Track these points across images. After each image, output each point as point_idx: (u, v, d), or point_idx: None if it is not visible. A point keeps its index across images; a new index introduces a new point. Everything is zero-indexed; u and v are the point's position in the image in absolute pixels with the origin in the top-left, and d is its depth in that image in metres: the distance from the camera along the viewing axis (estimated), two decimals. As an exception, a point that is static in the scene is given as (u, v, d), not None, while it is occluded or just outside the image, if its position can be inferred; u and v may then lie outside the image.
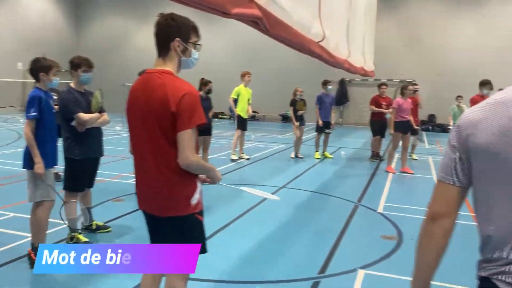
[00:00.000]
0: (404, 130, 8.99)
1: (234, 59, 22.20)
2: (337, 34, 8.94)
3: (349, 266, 4.06)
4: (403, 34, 21.07)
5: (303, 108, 10.27)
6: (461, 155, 1.40)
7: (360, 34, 13.17)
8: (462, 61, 19.79)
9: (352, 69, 12.03)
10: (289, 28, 5.58)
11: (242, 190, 3.10)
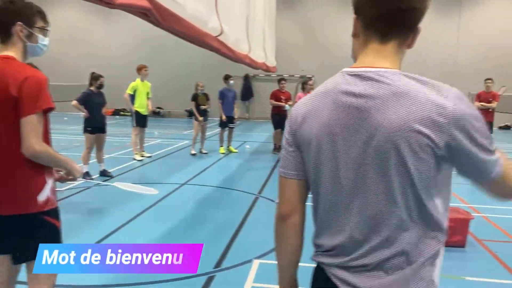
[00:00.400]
0: None
1: (135, 54, 21.30)
2: (237, 29, 9.03)
3: (245, 257, 4.12)
4: (303, 31, 22.00)
5: (205, 102, 10.20)
6: (294, 148, 1.36)
7: (260, 30, 13.47)
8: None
9: (254, 64, 12.26)
10: (184, 21, 5.46)
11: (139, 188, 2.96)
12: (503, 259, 4.29)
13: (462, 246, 4.61)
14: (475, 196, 7.12)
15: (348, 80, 1.28)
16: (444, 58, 21.00)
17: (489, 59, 20.51)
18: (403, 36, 1.29)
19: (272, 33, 17.40)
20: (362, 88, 1.23)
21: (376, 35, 1.27)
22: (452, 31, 20.92)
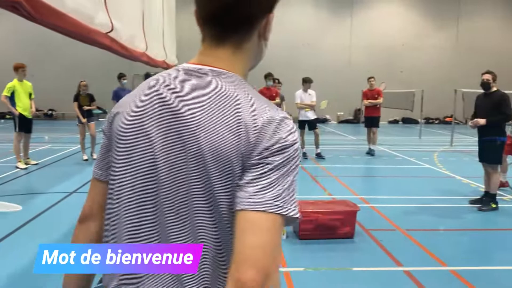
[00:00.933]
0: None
1: (22, 54, 19.33)
2: (131, 26, 8.60)
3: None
4: (205, 29, 21.85)
5: (88, 103, 9.65)
6: (108, 142, 1.17)
7: (159, 27, 13.04)
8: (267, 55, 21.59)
9: (152, 62, 11.83)
10: (64, 16, 5.00)
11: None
12: (387, 247, 4.59)
13: (351, 237, 4.86)
14: (364, 187, 7.63)
15: (176, 75, 1.11)
16: (338, 58, 22.33)
17: (379, 59, 22.27)
18: (244, 32, 1.11)
19: (172, 30, 16.97)
20: (182, 85, 1.08)
21: (211, 31, 1.14)
22: (345, 32, 22.31)
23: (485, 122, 5.92)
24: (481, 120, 5.97)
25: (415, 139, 15.12)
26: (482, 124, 5.96)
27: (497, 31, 22.44)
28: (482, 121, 5.95)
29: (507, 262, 4.29)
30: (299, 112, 10.53)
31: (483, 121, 5.95)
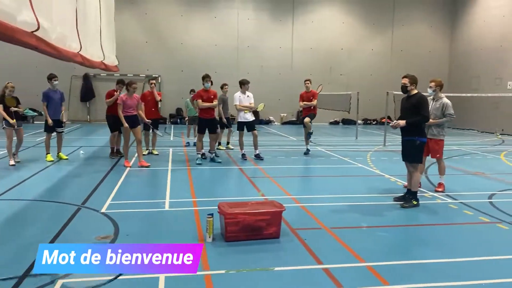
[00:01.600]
0: (132, 125, 9.18)
1: None
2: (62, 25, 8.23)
3: (49, 278, 3.68)
4: (146, 30, 21.37)
5: (14, 105, 9.13)
6: None
7: (95, 27, 12.56)
8: (201, 57, 21.48)
9: (88, 63, 11.38)
10: (-20, 14, 4.71)
11: None
12: (311, 246, 4.69)
13: (277, 237, 4.91)
14: (298, 187, 7.77)
15: None
16: (281, 61, 22.64)
17: (319, 62, 22.84)
18: None
19: (111, 30, 16.44)
20: None
21: None
22: (287, 36, 22.67)
23: (404, 123, 6.23)
24: (401, 121, 6.28)
25: (352, 140, 15.64)
26: (402, 125, 6.26)
27: (427, 37, 23.78)
28: (402, 123, 6.26)
29: (423, 257, 4.51)
30: (238, 113, 10.56)
31: (402, 122, 6.26)
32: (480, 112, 21.16)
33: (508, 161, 11.06)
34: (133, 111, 9.23)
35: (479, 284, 3.82)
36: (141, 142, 9.49)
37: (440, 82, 7.24)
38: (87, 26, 10.87)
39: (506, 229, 5.43)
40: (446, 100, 7.20)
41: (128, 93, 9.17)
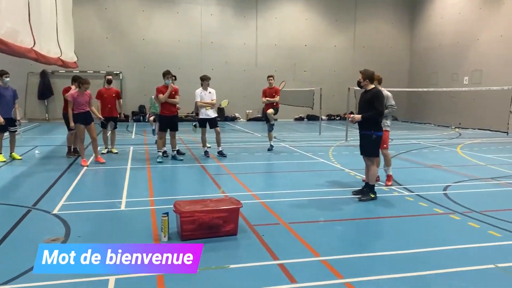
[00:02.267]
0: (85, 122, 9.00)
1: None
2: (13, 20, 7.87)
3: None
4: (106, 25, 20.80)
5: None
6: None
7: (51, 22, 12.09)
8: (163, 53, 21.11)
9: (44, 59, 10.94)
10: None
11: None
12: (268, 242, 4.66)
13: (235, 234, 4.86)
14: (259, 184, 7.73)
15: None
16: (245, 57, 22.59)
17: (284, 58, 22.92)
18: None
19: (69, 26, 15.89)
20: None
21: None
22: (251, 32, 22.62)
23: (360, 118, 6.31)
24: (357, 116, 6.36)
25: (316, 135, 15.79)
26: (358, 119, 6.34)
27: (388, 34, 24.31)
28: (358, 117, 6.34)
29: (378, 249, 4.57)
30: (200, 110, 10.42)
31: (358, 117, 6.34)
32: (438, 107, 21.86)
33: (464, 154, 11.45)
34: (85, 108, 9.00)
35: (432, 274, 3.90)
36: (96, 139, 9.28)
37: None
38: (42, 21, 10.43)
39: (458, 219, 5.59)
40: (386, 92, 7.25)
41: (79, 90, 8.90)
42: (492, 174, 8.61)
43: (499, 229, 5.15)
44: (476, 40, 20.09)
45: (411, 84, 23.91)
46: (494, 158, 10.63)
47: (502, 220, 5.50)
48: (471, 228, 5.24)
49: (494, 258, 4.28)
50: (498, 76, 18.37)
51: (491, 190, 7.29)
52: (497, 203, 6.43)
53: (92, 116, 9.23)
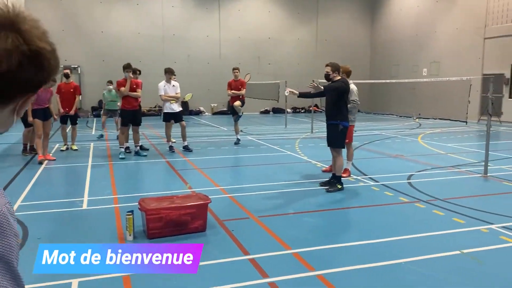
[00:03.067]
0: (43, 118, 8.77)
1: None
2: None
3: None
4: (62, 17, 19.94)
5: None
6: None
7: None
8: (123, 46, 20.51)
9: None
10: None
11: None
12: (238, 237, 4.58)
13: (203, 230, 4.75)
14: (227, 178, 7.62)
15: None
16: (209, 50, 22.30)
17: (248, 51, 22.81)
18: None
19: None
20: None
21: None
22: (214, 25, 22.34)
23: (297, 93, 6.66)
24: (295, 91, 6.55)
25: (282, 128, 15.83)
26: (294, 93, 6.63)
27: (350, 26, 24.68)
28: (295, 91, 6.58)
29: (347, 240, 4.58)
30: (164, 104, 10.17)
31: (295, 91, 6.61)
32: (399, 98, 22.44)
33: (425, 143, 11.78)
34: (45, 104, 8.76)
35: (401, 262, 3.94)
36: (48, 135, 9.05)
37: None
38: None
39: (424, 207, 5.71)
40: (353, 86, 7.29)
41: (44, 86, 8.48)
42: (452, 162, 8.89)
43: (462, 216, 5.29)
44: (434, 33, 20.71)
45: (373, 76, 24.41)
46: (454, 147, 11.00)
47: (465, 207, 5.67)
48: (436, 216, 5.35)
49: (459, 244, 4.38)
50: (455, 67, 19.04)
51: (452, 178, 7.51)
52: (459, 191, 6.62)
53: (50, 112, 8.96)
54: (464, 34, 19.18)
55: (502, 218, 5.21)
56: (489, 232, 4.76)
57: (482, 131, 13.80)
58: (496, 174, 7.70)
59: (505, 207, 5.71)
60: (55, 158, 9.11)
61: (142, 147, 10.32)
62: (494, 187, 6.91)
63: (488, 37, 18.27)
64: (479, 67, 18.53)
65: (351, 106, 7.13)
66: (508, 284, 3.57)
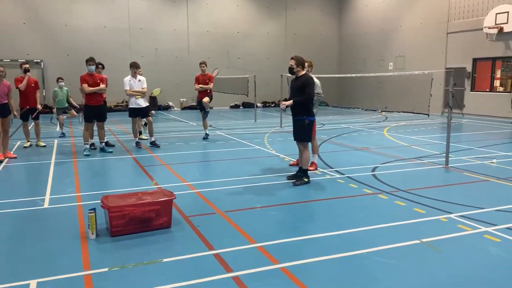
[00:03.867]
0: (2, 114, 8.43)
1: None
2: None
3: None
4: (22, 10, 19.20)
5: None
6: None
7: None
8: (88, 40, 19.98)
9: None
10: None
11: None
12: (203, 232, 4.56)
13: (168, 227, 4.70)
14: (195, 173, 7.57)
15: None
16: (177, 44, 22.02)
17: (217, 46, 22.65)
18: None
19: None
20: None
21: None
22: (182, 18, 22.05)
23: (292, 103, 6.37)
24: (288, 101, 6.41)
25: (251, 122, 15.84)
26: (289, 104, 6.39)
27: (318, 20, 24.89)
28: (289, 102, 6.39)
29: (312, 232, 4.63)
30: (129, 99, 9.98)
31: (289, 102, 6.38)
32: (365, 92, 22.85)
33: (390, 136, 12.05)
34: (3, 100, 8.37)
35: (364, 253, 4.03)
36: (7, 132, 8.66)
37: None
38: None
39: (386, 198, 5.85)
40: (316, 80, 7.32)
41: None
42: (415, 154, 9.14)
43: (422, 206, 5.46)
44: (399, 27, 21.16)
45: (340, 70, 24.74)
46: (417, 139, 11.30)
47: (425, 197, 5.84)
48: (398, 206, 5.50)
49: (419, 233, 4.52)
50: (420, 62, 19.54)
51: (415, 170, 7.72)
52: (421, 181, 6.82)
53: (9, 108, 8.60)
54: (428, 29, 19.68)
55: (461, 207, 5.41)
56: (448, 221, 4.93)
57: (445, 123, 14.26)
58: (457, 165, 7.97)
59: (464, 197, 5.92)
60: (16, 155, 8.81)
61: (108, 143, 10.12)
62: (454, 177, 7.15)
63: (451, 32, 18.81)
64: (443, 61, 19.07)
65: (315, 99, 7.20)
66: (463, 270, 3.71)
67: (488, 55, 17.57)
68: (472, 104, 18.26)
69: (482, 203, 5.59)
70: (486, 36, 17.08)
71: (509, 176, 7.11)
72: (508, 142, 10.92)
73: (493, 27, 16.81)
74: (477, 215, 5.10)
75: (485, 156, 8.90)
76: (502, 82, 18.05)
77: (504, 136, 12.02)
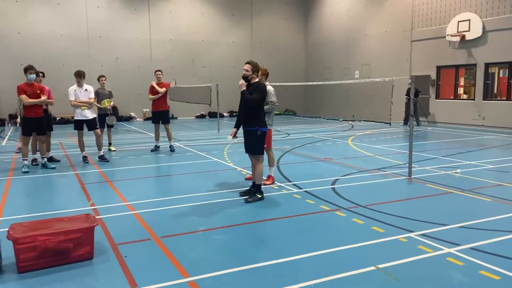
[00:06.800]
0: None
1: None
2: None
3: None
4: (-30, 16, 18.10)
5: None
6: None
7: None
8: (44, 49, 19.01)
9: None
10: None
11: None
12: (129, 264, 3.93)
13: (90, 258, 4.05)
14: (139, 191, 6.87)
15: None
16: (139, 52, 21.27)
17: (181, 54, 22.02)
18: None
19: None
20: None
21: None
22: (144, 26, 21.34)
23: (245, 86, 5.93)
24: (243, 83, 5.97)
25: (214, 133, 15.25)
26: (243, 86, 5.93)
27: (284, 29, 24.63)
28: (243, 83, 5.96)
29: (258, 260, 4.08)
30: (75, 110, 9.25)
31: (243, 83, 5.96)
32: (332, 101, 22.66)
33: (354, 146, 11.69)
34: None
35: (311, 284, 3.49)
36: None
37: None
38: None
39: (344, 216, 5.37)
40: (269, 87, 6.88)
41: None
42: (378, 165, 8.76)
43: (382, 224, 5.00)
44: (364, 36, 21.11)
45: (307, 79, 24.50)
46: (382, 149, 10.98)
47: (385, 213, 5.40)
48: (355, 225, 5.01)
49: (375, 258, 4.02)
50: (385, 70, 19.46)
51: (376, 182, 7.31)
52: (381, 195, 6.39)
53: None
54: (393, 37, 19.68)
55: (422, 224, 4.97)
56: (408, 241, 4.47)
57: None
58: (420, 176, 7.61)
59: (426, 212, 5.51)
60: None
61: (52, 158, 9.33)
62: (417, 190, 6.76)
63: (415, 40, 18.84)
64: (407, 69, 19.06)
65: (268, 107, 6.71)
66: (422, 304, 3.22)
67: (451, 63, 17.64)
68: (437, 112, 18.26)
69: (445, 218, 5.18)
70: (449, 44, 17.15)
71: (473, 187, 6.78)
72: (472, 150, 10.73)
73: (455, 35, 16.89)
74: (440, 233, 4.67)
75: (449, 165, 8.60)
76: (466, 90, 18.15)
77: (469, 144, 11.86)
